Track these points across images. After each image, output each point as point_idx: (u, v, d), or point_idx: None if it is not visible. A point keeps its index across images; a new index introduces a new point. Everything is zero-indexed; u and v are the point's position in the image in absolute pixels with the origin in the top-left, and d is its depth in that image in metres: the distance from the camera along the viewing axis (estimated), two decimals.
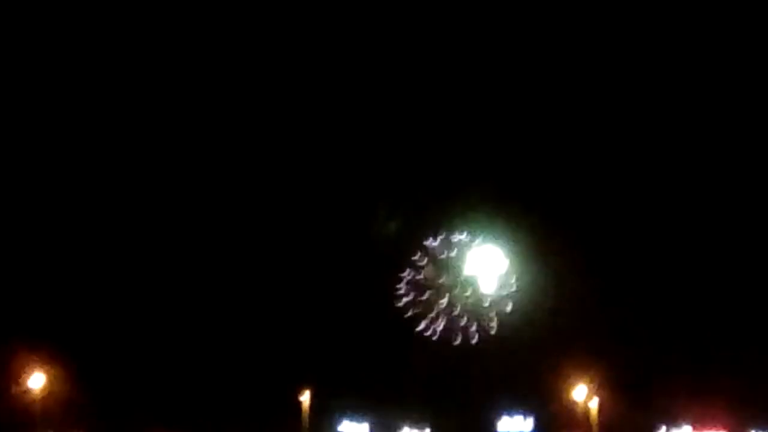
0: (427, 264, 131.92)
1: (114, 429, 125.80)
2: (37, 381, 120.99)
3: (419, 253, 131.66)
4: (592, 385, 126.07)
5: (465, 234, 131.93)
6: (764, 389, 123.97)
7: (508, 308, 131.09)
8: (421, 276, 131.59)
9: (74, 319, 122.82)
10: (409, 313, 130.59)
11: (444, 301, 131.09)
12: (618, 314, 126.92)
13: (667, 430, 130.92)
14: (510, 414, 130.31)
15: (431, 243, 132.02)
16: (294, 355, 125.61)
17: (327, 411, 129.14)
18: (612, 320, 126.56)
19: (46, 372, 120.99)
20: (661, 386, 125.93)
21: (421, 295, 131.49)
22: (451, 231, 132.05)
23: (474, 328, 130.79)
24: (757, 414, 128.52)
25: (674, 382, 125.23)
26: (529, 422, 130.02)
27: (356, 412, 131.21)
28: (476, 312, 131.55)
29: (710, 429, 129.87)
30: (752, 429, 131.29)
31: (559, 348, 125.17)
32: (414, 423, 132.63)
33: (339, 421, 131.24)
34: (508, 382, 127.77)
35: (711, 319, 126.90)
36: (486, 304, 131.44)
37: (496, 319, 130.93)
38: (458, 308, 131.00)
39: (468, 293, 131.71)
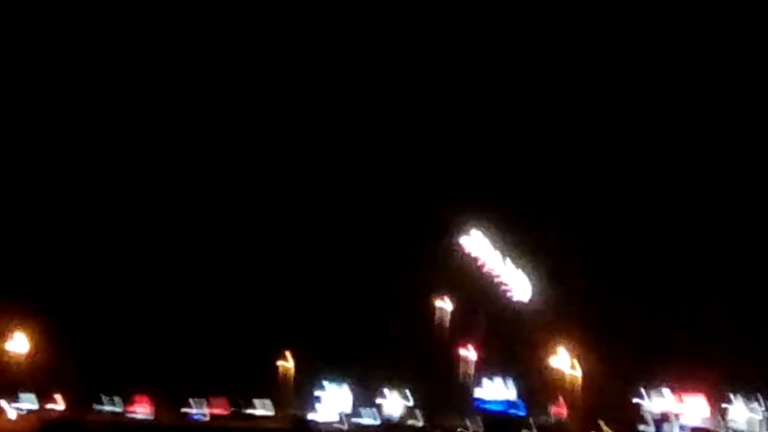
0: None
1: (97, 393, 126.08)
2: (20, 343, 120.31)
3: None
4: (572, 352, 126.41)
5: None
6: (745, 354, 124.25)
7: None
8: None
9: (58, 281, 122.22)
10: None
11: None
12: (596, 279, 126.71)
13: (647, 394, 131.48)
14: (491, 378, 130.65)
15: None
16: (277, 319, 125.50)
17: (308, 373, 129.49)
18: (590, 285, 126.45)
19: (29, 334, 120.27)
20: (640, 351, 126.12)
21: None
22: None
23: None
24: (737, 379, 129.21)
25: (654, 346, 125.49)
26: (511, 387, 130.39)
27: (337, 375, 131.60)
28: None
29: (689, 393, 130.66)
30: (731, 393, 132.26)
31: (537, 315, 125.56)
32: (395, 386, 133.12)
33: (320, 384, 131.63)
34: (487, 348, 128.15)
35: (692, 282, 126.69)
36: None
37: None
38: None
39: None
